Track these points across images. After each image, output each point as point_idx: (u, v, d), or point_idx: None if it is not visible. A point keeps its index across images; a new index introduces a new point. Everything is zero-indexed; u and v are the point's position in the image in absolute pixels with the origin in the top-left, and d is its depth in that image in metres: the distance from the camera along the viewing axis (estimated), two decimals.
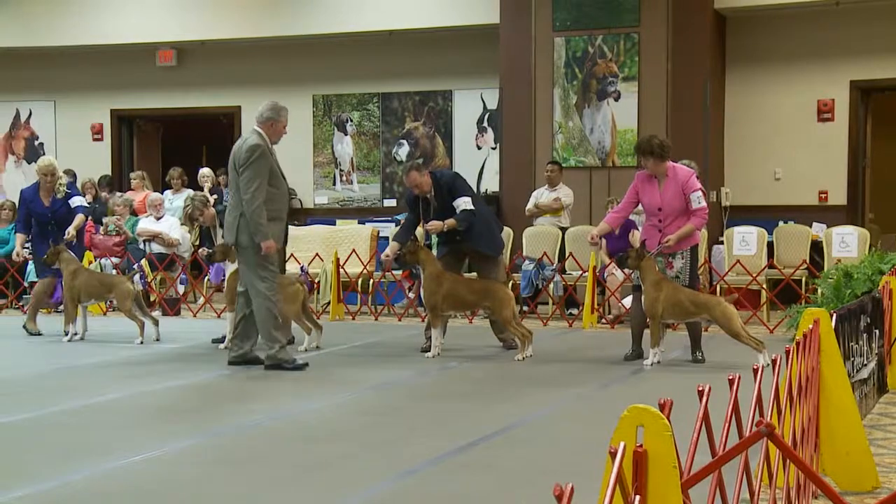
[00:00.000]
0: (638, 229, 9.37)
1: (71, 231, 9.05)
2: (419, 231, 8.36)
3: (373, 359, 7.78)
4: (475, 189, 12.89)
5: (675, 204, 7.28)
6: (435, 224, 7.80)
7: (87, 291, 8.68)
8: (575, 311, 10.38)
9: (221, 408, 5.83)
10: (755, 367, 2.94)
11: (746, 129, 12.09)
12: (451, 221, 7.75)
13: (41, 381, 6.83)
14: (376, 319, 10.49)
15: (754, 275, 9.84)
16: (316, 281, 10.75)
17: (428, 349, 7.79)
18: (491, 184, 12.88)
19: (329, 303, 10.58)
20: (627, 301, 8.89)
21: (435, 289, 7.64)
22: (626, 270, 8.39)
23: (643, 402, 2.09)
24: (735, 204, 12.07)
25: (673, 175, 7.33)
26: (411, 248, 7.75)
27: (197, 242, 11.55)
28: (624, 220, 7.92)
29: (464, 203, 7.78)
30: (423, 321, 9.19)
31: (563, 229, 11.07)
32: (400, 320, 10.36)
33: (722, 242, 11.12)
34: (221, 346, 8.11)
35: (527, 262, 10.60)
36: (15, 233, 9.92)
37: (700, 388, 2.37)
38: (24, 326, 9.12)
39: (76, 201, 9.20)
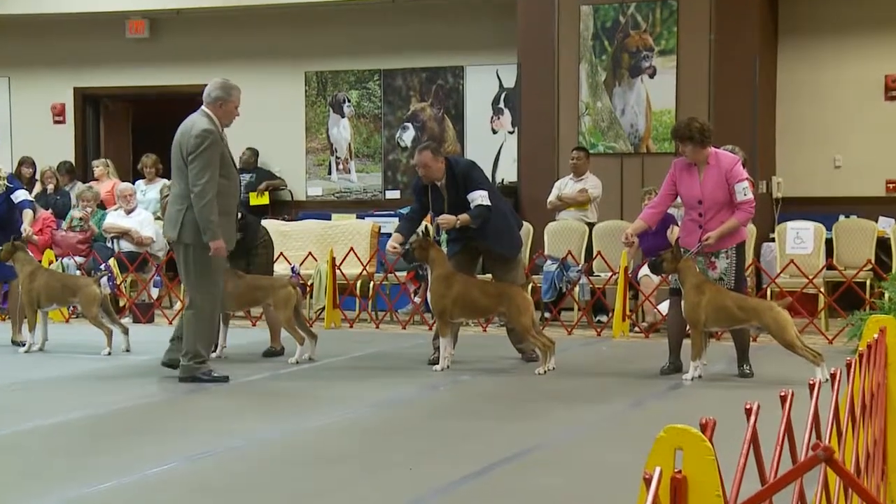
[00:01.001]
0: (678, 224, 9.36)
1: (27, 228, 9.08)
2: (427, 224, 8.37)
3: (374, 372, 7.79)
4: (490, 179, 12.90)
5: (718, 195, 7.28)
6: (447, 219, 7.81)
7: (48, 295, 8.70)
8: (604, 318, 10.39)
9: (202, 428, 5.85)
10: (811, 382, 2.94)
11: (801, 110, 12.05)
12: (464, 217, 7.76)
13: None
14: (377, 327, 10.51)
15: (811, 277, 9.82)
16: (309, 283, 10.77)
17: (436, 361, 7.80)
18: (508, 173, 12.89)
19: (323, 308, 10.61)
20: (664, 307, 8.89)
21: (444, 292, 7.65)
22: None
23: (682, 421, 2.10)
24: (788, 195, 12.04)
25: (715, 163, 7.32)
26: (422, 242, 7.76)
27: None
28: (662, 216, 7.93)
29: (480, 197, 7.79)
30: (430, 329, 9.21)
31: (591, 225, 11.06)
32: (404, 328, 10.38)
33: (773, 240, 11.10)
34: (213, 354, 8.15)
35: (548, 262, 10.60)
36: None
37: (748, 406, 2.38)
38: None
39: (20, 195, 9.21)
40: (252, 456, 5.15)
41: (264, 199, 13.44)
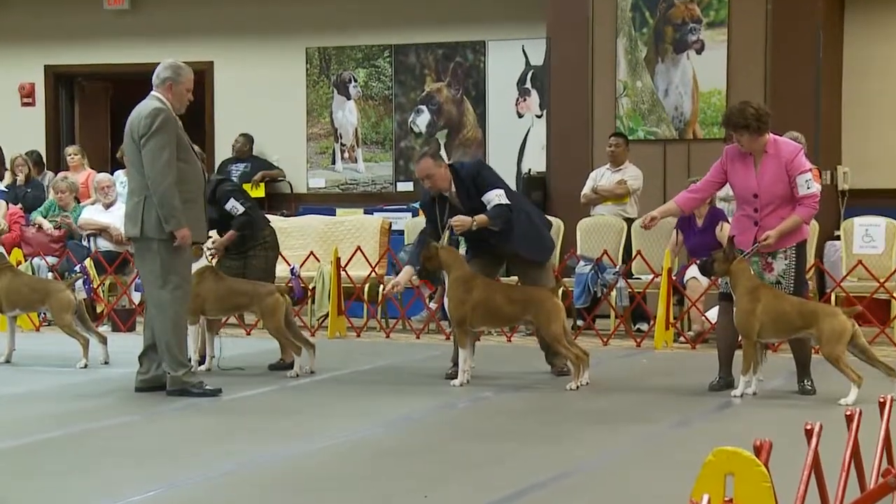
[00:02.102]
0: (728, 221, 9.34)
1: (1, 220, 9.14)
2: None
3: (383, 387, 7.81)
4: (515, 169, 12.92)
5: (777, 189, 7.25)
6: (462, 220, 7.78)
7: (10, 300, 8.70)
8: (644, 327, 10.38)
9: (191, 449, 5.88)
10: (882, 399, 2.94)
11: (871, 89, 12.01)
12: (481, 217, 7.74)
13: None
14: (388, 336, 10.53)
15: (882, 280, 9.79)
16: (311, 287, 10.79)
17: (455, 375, 7.82)
18: (535, 162, 12.89)
19: (327, 316, 10.63)
20: (713, 314, 8.88)
21: (463, 297, 7.66)
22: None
23: (733, 443, 2.11)
24: (856, 187, 12.00)
25: (774, 151, 7.30)
26: (429, 252, 7.75)
27: None
28: (700, 203, 7.88)
29: (496, 197, 7.79)
30: (447, 339, 9.22)
31: (629, 221, 11.06)
32: (418, 337, 10.40)
33: (838, 238, 11.07)
34: (202, 367, 8.19)
35: (582, 263, 10.60)
36: None
37: (809, 427, 2.38)
38: None
39: None
40: (246, 481, 5.17)
41: (259, 192, 13.47)
